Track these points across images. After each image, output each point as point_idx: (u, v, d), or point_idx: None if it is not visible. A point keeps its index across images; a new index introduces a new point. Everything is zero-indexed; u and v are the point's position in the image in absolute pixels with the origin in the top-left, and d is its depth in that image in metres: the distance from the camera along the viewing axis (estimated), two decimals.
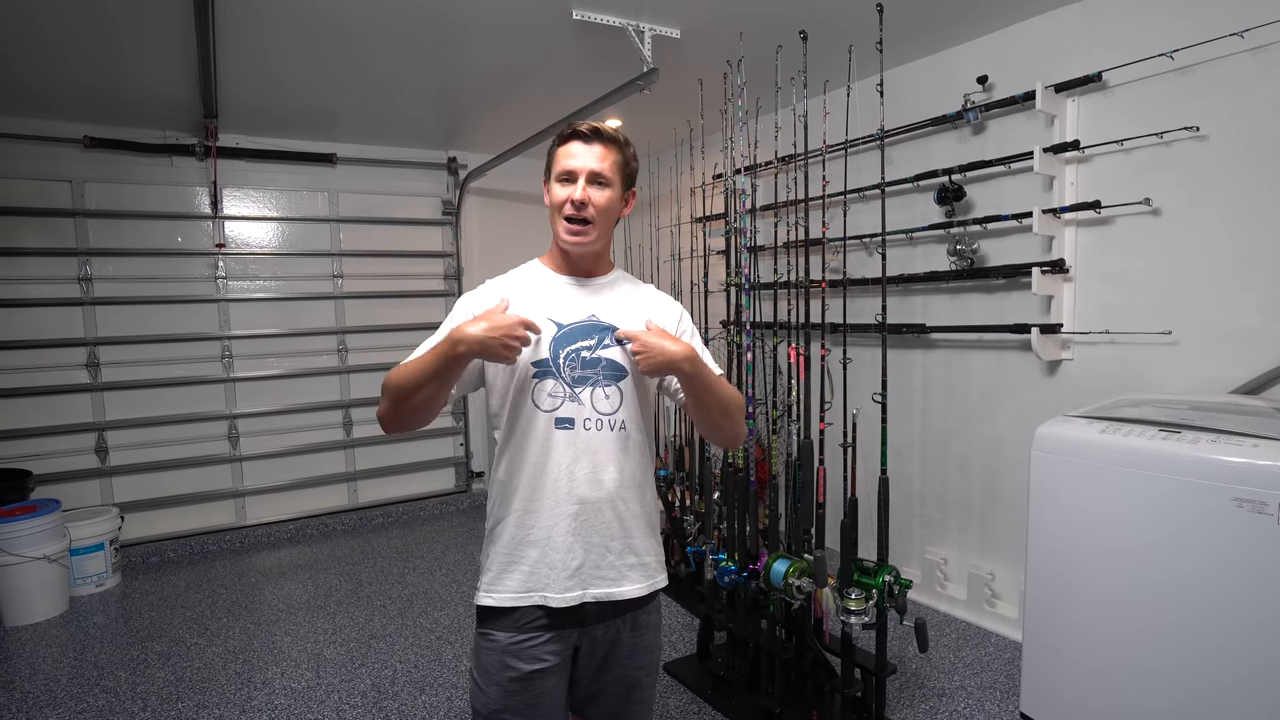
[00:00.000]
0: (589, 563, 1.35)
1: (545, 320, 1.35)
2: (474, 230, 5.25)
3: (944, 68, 3.21)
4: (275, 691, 2.77)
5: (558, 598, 1.33)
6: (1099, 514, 1.94)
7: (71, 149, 4.05)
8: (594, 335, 1.38)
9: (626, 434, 1.38)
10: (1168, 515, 1.80)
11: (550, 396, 1.34)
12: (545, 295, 1.40)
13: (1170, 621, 1.80)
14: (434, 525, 4.85)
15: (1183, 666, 1.79)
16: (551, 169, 1.39)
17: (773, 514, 2.59)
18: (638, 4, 2.72)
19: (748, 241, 2.83)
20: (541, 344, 1.35)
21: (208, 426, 4.50)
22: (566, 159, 1.36)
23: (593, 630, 1.38)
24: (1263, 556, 1.64)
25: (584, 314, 1.39)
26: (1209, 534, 1.72)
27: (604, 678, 1.42)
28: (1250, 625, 1.67)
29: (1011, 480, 3.04)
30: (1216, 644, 1.73)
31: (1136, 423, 1.97)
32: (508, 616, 1.35)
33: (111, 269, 4.20)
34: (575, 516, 1.34)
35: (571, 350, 1.36)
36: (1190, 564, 1.76)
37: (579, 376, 1.35)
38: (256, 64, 3.25)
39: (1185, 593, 1.77)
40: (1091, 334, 2.74)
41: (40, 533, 3.45)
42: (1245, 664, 1.68)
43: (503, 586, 1.35)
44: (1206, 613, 1.74)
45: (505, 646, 1.34)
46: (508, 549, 1.36)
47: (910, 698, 2.62)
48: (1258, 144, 2.31)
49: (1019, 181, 2.93)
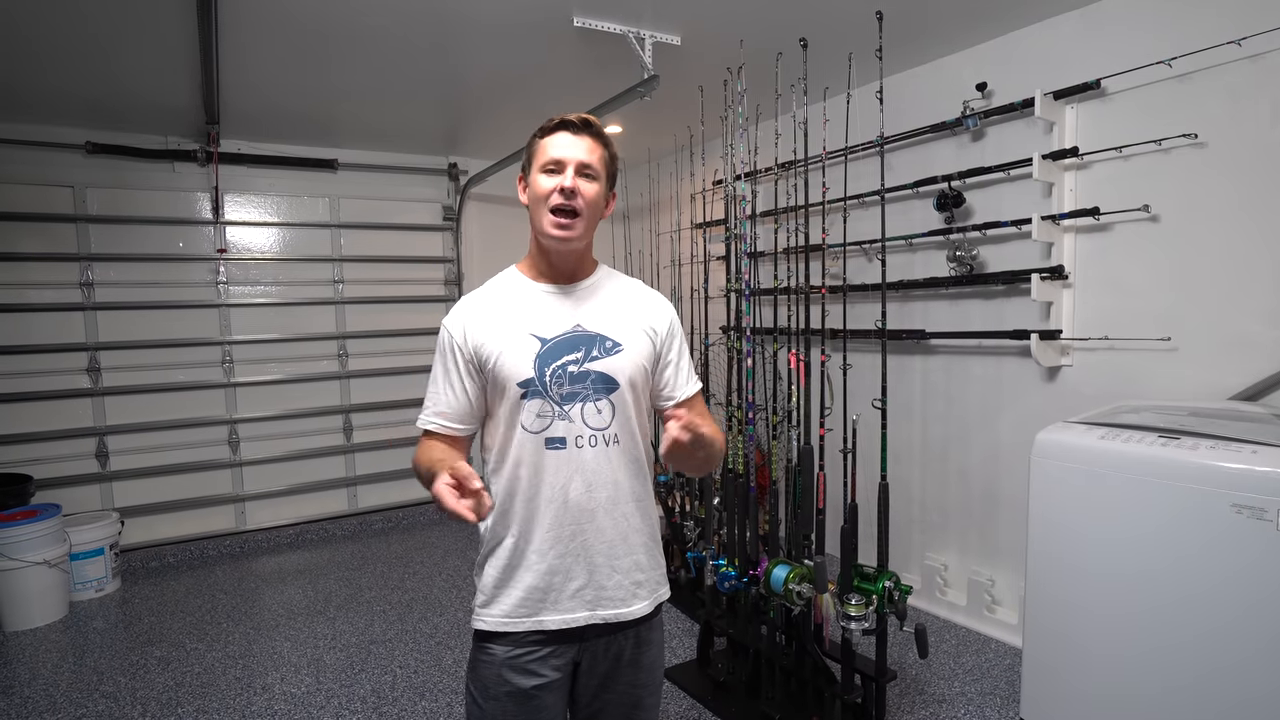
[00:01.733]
0: (593, 583, 1.31)
1: (527, 336, 1.30)
2: (474, 236, 5.26)
3: (943, 75, 3.23)
4: (275, 697, 2.77)
5: (556, 619, 1.30)
6: (1098, 520, 1.94)
7: (74, 154, 4.07)
8: (580, 347, 1.30)
9: (621, 447, 1.33)
10: (1167, 521, 1.80)
11: (539, 417, 1.28)
12: (526, 308, 1.33)
13: (1170, 627, 1.80)
14: (434, 531, 4.84)
15: (1182, 669, 1.78)
16: (533, 160, 1.32)
17: (773, 520, 2.59)
18: (638, 11, 2.74)
19: (748, 247, 2.84)
20: (525, 362, 1.28)
21: (208, 431, 4.50)
22: (553, 148, 1.29)
23: (593, 645, 1.34)
24: (1262, 562, 1.64)
25: (568, 325, 1.32)
26: (1208, 540, 1.72)
27: (605, 696, 1.37)
28: (1248, 629, 1.67)
29: (1011, 486, 3.04)
30: (1215, 646, 1.73)
31: (1136, 429, 1.97)
32: (505, 636, 1.32)
33: (113, 274, 4.20)
34: (574, 537, 1.30)
35: (557, 366, 1.28)
36: (1189, 570, 1.76)
37: (567, 393, 1.28)
38: (258, 70, 3.26)
39: (1185, 599, 1.77)
40: (1091, 340, 2.74)
41: (40, 537, 3.45)
42: (1243, 667, 1.68)
43: (498, 610, 1.31)
44: (1205, 617, 1.74)
45: (504, 660, 1.31)
46: (504, 572, 1.31)
47: (910, 704, 2.61)
48: (1256, 151, 2.32)
49: (1018, 188, 2.94)
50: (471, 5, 2.62)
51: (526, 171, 1.36)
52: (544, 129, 1.32)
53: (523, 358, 1.28)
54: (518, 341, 1.29)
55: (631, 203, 5.19)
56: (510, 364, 1.28)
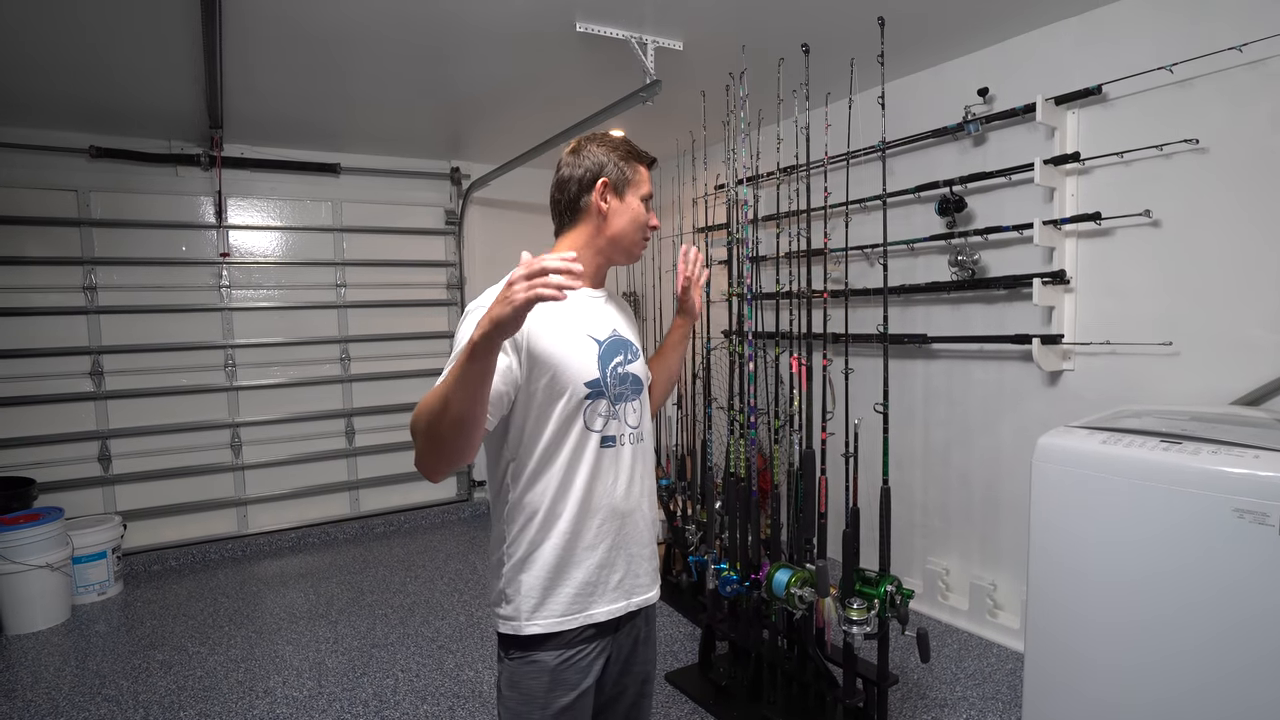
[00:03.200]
0: (630, 573, 1.38)
1: (585, 337, 1.33)
2: (476, 240, 5.27)
3: (945, 80, 3.23)
4: (277, 700, 2.77)
5: (604, 610, 1.34)
6: (1100, 524, 1.94)
7: (77, 159, 4.08)
8: (621, 350, 1.38)
9: (645, 444, 1.42)
10: (1169, 526, 1.80)
11: (600, 417, 1.32)
12: (579, 310, 1.36)
13: (1173, 632, 1.80)
14: (436, 534, 4.85)
15: (1184, 675, 1.78)
16: (632, 185, 1.40)
17: (774, 524, 2.59)
18: (641, 16, 2.75)
19: (750, 252, 2.85)
20: (590, 363, 1.32)
21: (210, 435, 4.51)
22: (647, 184, 1.42)
23: (619, 635, 1.40)
24: (1265, 568, 1.64)
25: (610, 329, 1.39)
26: (1210, 545, 1.72)
27: (624, 680, 1.43)
28: (1251, 634, 1.67)
29: (1013, 490, 3.04)
30: (1218, 651, 1.72)
31: (1138, 433, 1.97)
32: (556, 638, 1.30)
33: (116, 278, 4.22)
34: (618, 531, 1.35)
35: (613, 366, 1.35)
36: (1192, 575, 1.76)
37: (618, 393, 1.35)
38: (262, 75, 3.28)
39: (1187, 604, 1.77)
40: (1092, 345, 2.75)
41: (43, 541, 3.46)
42: (1246, 672, 1.68)
43: (549, 611, 1.30)
44: (1207, 622, 1.74)
45: (555, 667, 1.29)
46: (551, 574, 1.30)
47: (912, 708, 2.61)
48: (1257, 156, 2.32)
49: (1020, 193, 2.94)
50: (474, 10, 2.63)
51: (619, 189, 1.39)
52: (639, 155, 1.42)
53: (587, 358, 1.32)
54: (579, 342, 1.32)
55: None
56: (576, 364, 1.29)
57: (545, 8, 2.63)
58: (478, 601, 3.67)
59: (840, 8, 2.65)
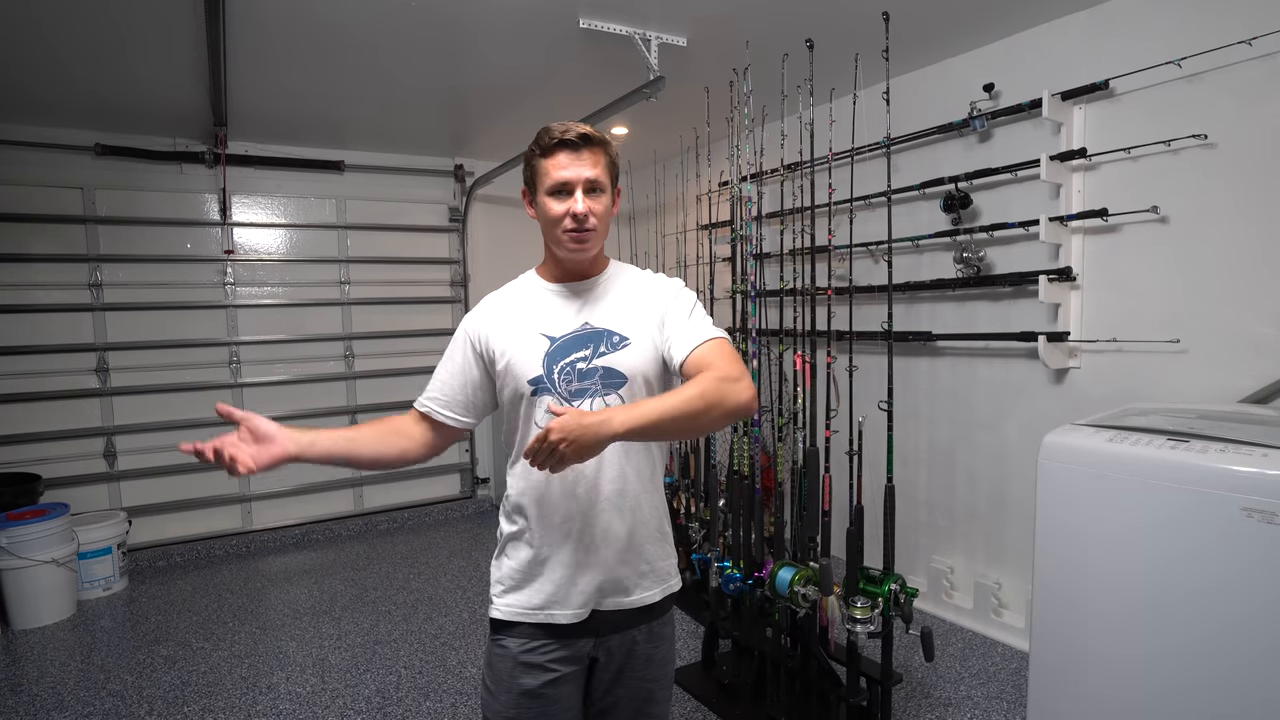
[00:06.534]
0: (602, 576, 1.33)
1: (537, 335, 1.34)
2: (480, 237, 5.27)
3: (950, 76, 3.21)
4: (280, 696, 2.78)
5: (565, 613, 1.33)
6: (1106, 523, 1.93)
7: (83, 156, 4.10)
8: (588, 345, 1.33)
9: (628, 443, 1.31)
10: (1176, 524, 1.79)
11: (548, 414, 1.26)
12: (537, 308, 1.37)
13: (1179, 631, 1.79)
14: (439, 531, 4.85)
15: (1191, 673, 1.77)
16: (537, 181, 1.31)
17: (778, 522, 2.58)
18: (644, 13, 2.74)
19: (754, 249, 2.83)
20: (534, 360, 1.32)
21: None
22: (557, 170, 1.28)
23: (608, 641, 1.37)
24: (1272, 566, 1.62)
25: (576, 324, 1.35)
26: (1218, 544, 1.71)
27: (618, 691, 1.40)
28: (1258, 633, 1.65)
29: (1018, 489, 3.02)
30: (1225, 650, 1.71)
31: (1144, 432, 1.95)
32: (518, 627, 1.35)
33: (121, 275, 4.23)
34: (583, 532, 1.32)
35: (566, 364, 1.32)
36: (1198, 574, 1.75)
37: (576, 390, 1.31)
38: (266, 73, 3.28)
39: (1194, 603, 1.76)
40: (1099, 342, 2.73)
41: (48, 536, 3.47)
42: (1253, 671, 1.67)
43: (512, 600, 1.36)
44: (1214, 621, 1.72)
45: (517, 654, 1.33)
46: (518, 565, 1.36)
47: (916, 707, 2.60)
48: (1266, 152, 2.30)
49: (1026, 189, 2.92)
50: (477, 8, 2.63)
51: (532, 190, 1.35)
52: (543, 147, 1.30)
53: (532, 356, 1.33)
54: (528, 340, 1.34)
55: (637, 204, 5.19)
56: (520, 362, 1.33)
57: (548, 4, 2.62)
58: (480, 598, 3.67)
59: (845, 3, 2.63)
